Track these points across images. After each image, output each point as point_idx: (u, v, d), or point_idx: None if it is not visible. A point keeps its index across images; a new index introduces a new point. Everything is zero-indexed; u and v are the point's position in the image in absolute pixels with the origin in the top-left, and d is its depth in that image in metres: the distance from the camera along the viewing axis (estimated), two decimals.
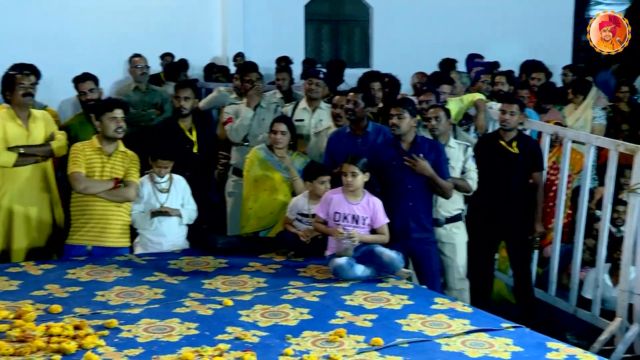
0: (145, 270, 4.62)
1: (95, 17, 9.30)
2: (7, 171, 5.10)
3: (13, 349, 3.24)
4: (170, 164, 5.14)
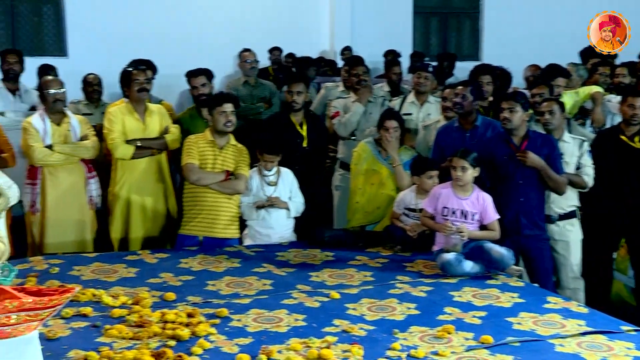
0: (254, 261, 4.72)
1: (207, 12, 9.57)
2: (125, 163, 5.34)
3: (132, 333, 3.39)
4: (277, 158, 5.22)
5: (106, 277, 4.32)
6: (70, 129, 5.30)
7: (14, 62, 6.46)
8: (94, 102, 6.49)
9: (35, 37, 9.03)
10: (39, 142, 5.20)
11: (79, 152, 5.26)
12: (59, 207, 5.27)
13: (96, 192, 5.38)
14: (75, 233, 5.31)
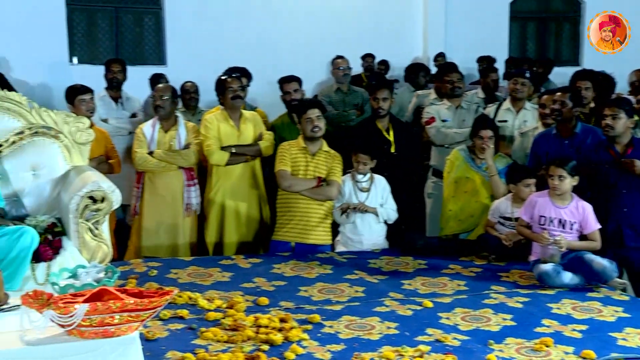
0: (346, 268, 4.72)
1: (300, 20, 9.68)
2: (220, 169, 5.46)
3: (226, 336, 3.46)
4: (371, 161, 5.20)
5: (202, 281, 4.41)
6: (175, 137, 5.45)
7: (117, 71, 6.71)
8: (190, 109, 6.66)
9: (137, 46, 9.37)
10: (143, 148, 5.40)
11: (176, 160, 5.41)
12: (155, 212, 5.43)
13: (195, 199, 5.48)
14: (170, 238, 5.45)
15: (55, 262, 3.67)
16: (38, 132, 4.20)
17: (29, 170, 4.20)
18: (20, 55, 8.39)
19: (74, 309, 2.41)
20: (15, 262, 3.47)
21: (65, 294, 2.63)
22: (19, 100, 4.16)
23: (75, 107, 5.48)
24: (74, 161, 4.29)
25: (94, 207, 3.84)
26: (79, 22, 9.10)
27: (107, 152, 5.66)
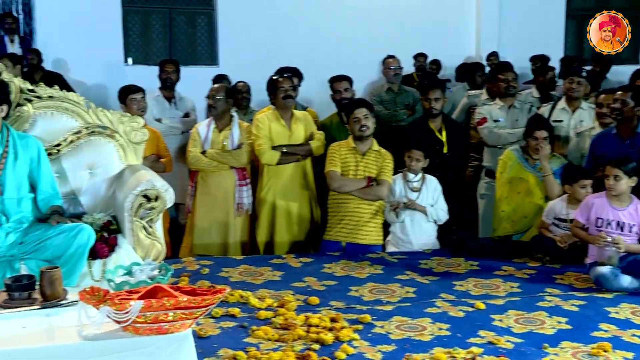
0: (397, 268, 4.70)
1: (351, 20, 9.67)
2: (271, 168, 5.48)
3: (277, 335, 3.47)
4: (422, 157, 5.16)
5: (253, 280, 4.45)
6: (229, 137, 5.51)
7: (171, 72, 6.80)
8: (242, 109, 6.71)
9: (190, 47, 9.50)
10: (196, 148, 5.47)
11: (227, 160, 5.45)
12: (207, 210, 5.48)
13: (247, 199, 5.51)
14: (221, 236, 5.49)
15: (111, 259, 3.74)
16: (95, 132, 4.28)
17: (86, 169, 4.27)
18: (78, 57, 8.61)
19: (129, 306, 2.45)
20: (72, 259, 3.55)
21: (121, 291, 2.68)
22: (77, 100, 4.24)
23: (127, 107, 5.58)
24: (129, 160, 4.36)
25: (148, 206, 3.90)
26: (134, 23, 9.27)
27: (158, 151, 5.75)
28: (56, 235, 3.61)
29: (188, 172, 5.73)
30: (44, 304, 2.77)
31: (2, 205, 3.74)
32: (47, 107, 4.18)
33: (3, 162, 3.77)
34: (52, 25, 8.66)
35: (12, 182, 3.78)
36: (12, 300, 2.79)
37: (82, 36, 8.54)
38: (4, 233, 3.67)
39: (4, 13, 8.54)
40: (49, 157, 4.04)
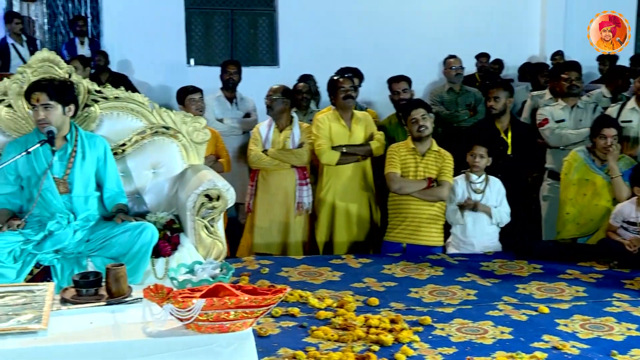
0: (458, 270, 4.64)
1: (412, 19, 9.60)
2: (331, 169, 5.49)
3: (337, 335, 3.47)
4: (486, 153, 5.09)
5: (312, 280, 4.45)
6: (289, 136, 5.54)
7: (233, 72, 6.88)
8: (302, 109, 6.74)
9: (251, 48, 9.59)
10: (257, 146, 5.52)
11: (289, 158, 5.48)
12: (267, 209, 5.52)
13: (307, 198, 5.54)
14: (281, 236, 5.52)
15: (174, 257, 3.81)
16: (158, 132, 4.36)
17: (150, 168, 4.36)
18: (142, 58, 8.80)
19: (191, 304, 2.48)
20: (137, 256, 3.63)
21: (184, 289, 2.72)
22: (141, 101, 4.33)
23: (185, 107, 5.65)
24: (191, 160, 4.43)
25: (210, 205, 3.95)
26: (197, 24, 9.41)
27: (217, 151, 5.81)
28: (121, 234, 3.70)
29: (248, 171, 5.79)
30: (110, 301, 2.83)
31: (70, 203, 3.84)
32: (113, 108, 4.28)
33: (72, 161, 3.89)
34: (118, 28, 8.87)
35: (80, 181, 3.89)
36: (80, 296, 2.86)
37: (146, 38, 8.73)
38: (72, 230, 3.78)
39: (76, 16, 8.78)
40: (114, 157, 4.13)
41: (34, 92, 3.81)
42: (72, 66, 4.31)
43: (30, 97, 3.81)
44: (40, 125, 3.79)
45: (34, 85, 3.86)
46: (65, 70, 4.14)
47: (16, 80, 4.09)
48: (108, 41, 8.87)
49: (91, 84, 4.26)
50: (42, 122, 3.77)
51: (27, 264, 3.54)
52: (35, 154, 3.78)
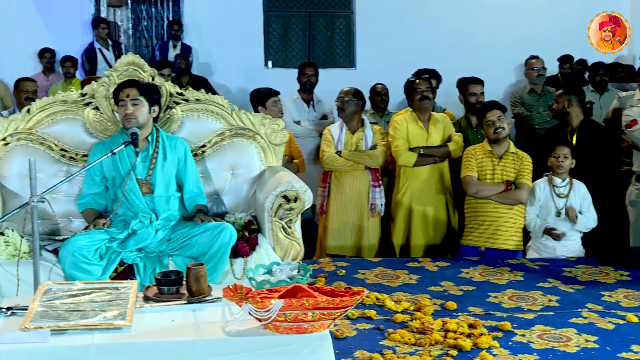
0: (539, 275, 4.53)
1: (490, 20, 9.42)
2: (408, 170, 5.45)
3: (414, 339, 3.44)
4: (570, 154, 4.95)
5: (389, 282, 4.43)
6: (362, 138, 5.53)
7: (311, 75, 6.91)
8: (379, 111, 6.72)
9: (328, 50, 9.62)
10: (330, 148, 5.53)
11: (364, 160, 5.47)
12: (340, 211, 5.52)
13: (380, 200, 5.52)
14: (354, 238, 5.51)
15: (252, 258, 3.85)
16: (237, 134, 4.42)
17: (228, 169, 4.42)
18: (221, 61, 8.94)
19: (270, 304, 2.50)
20: (216, 256, 3.69)
21: (262, 289, 2.74)
22: (221, 103, 4.40)
23: (267, 109, 5.70)
24: (269, 161, 4.47)
25: (287, 206, 3.98)
26: (275, 27, 9.51)
27: (291, 152, 5.85)
28: (201, 234, 3.77)
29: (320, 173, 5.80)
30: (190, 299, 2.88)
31: (152, 203, 3.94)
32: (193, 110, 4.36)
33: (153, 162, 3.98)
34: (198, 31, 9.05)
35: (162, 181, 3.98)
36: (162, 295, 2.92)
37: (225, 41, 8.87)
38: (154, 230, 3.87)
39: (172, 20, 9.01)
40: (194, 158, 4.21)
41: (125, 87, 3.93)
42: (155, 70, 4.39)
43: (120, 93, 3.92)
44: (126, 120, 3.88)
45: (125, 81, 4.00)
46: (149, 73, 4.25)
47: (103, 84, 4.22)
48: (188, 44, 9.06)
49: (173, 86, 4.35)
50: (129, 116, 3.86)
51: (112, 262, 3.65)
52: (119, 156, 3.89)
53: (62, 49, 8.54)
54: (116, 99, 3.98)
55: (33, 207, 3.15)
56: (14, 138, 4.10)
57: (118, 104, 3.96)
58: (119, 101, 3.93)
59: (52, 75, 8.36)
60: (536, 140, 5.85)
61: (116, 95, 3.98)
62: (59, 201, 4.05)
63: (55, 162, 4.13)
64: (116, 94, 3.97)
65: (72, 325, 2.53)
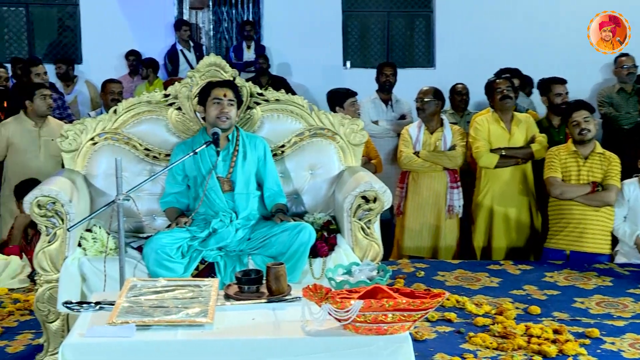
0: (629, 281, 4.39)
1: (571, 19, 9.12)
2: (489, 172, 5.35)
3: (496, 343, 3.37)
4: None
5: (469, 285, 4.37)
6: (441, 138, 5.47)
7: (390, 74, 6.86)
8: (459, 111, 6.62)
9: (407, 49, 9.55)
10: (408, 148, 5.49)
11: (442, 160, 5.41)
12: (417, 212, 5.48)
13: (458, 201, 5.45)
14: (432, 239, 5.47)
15: (330, 258, 3.84)
16: (316, 134, 4.42)
17: (308, 169, 4.43)
18: (299, 61, 8.99)
19: (349, 305, 2.49)
20: (295, 256, 3.69)
21: (341, 290, 2.73)
22: (301, 103, 4.41)
23: (344, 110, 5.69)
24: (348, 162, 4.45)
25: (367, 207, 3.95)
26: (353, 27, 9.50)
27: (368, 153, 5.82)
28: (280, 233, 3.78)
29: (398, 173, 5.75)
30: (270, 298, 2.90)
31: (232, 201, 3.99)
32: (273, 110, 4.39)
33: (234, 160, 4.04)
34: (278, 31, 9.13)
35: (242, 179, 4.03)
36: (242, 293, 2.95)
37: (303, 41, 8.91)
38: (234, 229, 3.91)
39: (244, 21, 9.14)
40: (274, 158, 4.25)
41: (222, 87, 3.98)
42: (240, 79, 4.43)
43: (213, 91, 3.96)
44: (220, 120, 3.92)
45: (221, 81, 4.05)
46: (230, 74, 4.30)
47: (186, 85, 4.30)
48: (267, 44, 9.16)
49: (254, 87, 4.40)
50: (225, 115, 3.92)
51: (193, 260, 3.71)
52: (200, 155, 3.96)
53: (146, 51, 8.77)
54: (204, 97, 4.01)
55: (119, 205, 3.24)
56: (101, 138, 4.22)
57: (206, 102, 3.99)
58: (214, 99, 3.95)
59: (136, 76, 8.60)
60: (623, 139, 5.64)
61: (205, 94, 4.01)
62: (142, 199, 4.14)
63: (140, 162, 4.23)
64: (205, 93, 4.00)
65: (156, 321, 2.59)
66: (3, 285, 4.71)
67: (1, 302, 4.41)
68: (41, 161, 5.77)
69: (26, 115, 5.83)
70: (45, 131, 5.83)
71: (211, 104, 3.96)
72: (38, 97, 5.75)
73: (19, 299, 4.44)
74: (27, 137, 5.81)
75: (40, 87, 5.89)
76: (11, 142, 5.82)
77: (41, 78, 6.64)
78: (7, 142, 5.83)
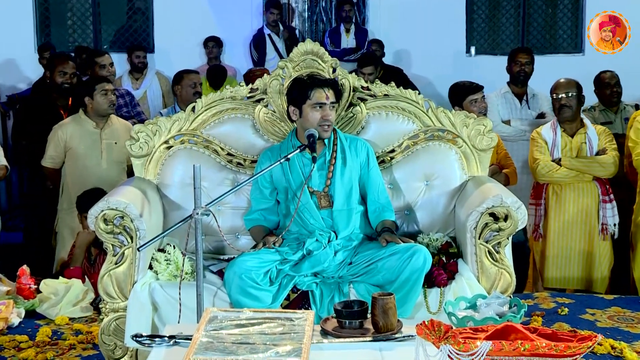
0: None
1: None
2: None
3: None
4: None
5: (628, 327, 4.27)
6: (585, 141, 5.36)
7: (525, 63, 6.73)
8: (612, 106, 6.45)
9: (548, 32, 9.40)
10: (545, 155, 5.39)
11: (593, 168, 5.30)
12: (563, 234, 5.39)
13: (612, 219, 5.33)
14: (582, 267, 5.39)
15: (450, 288, 3.82)
16: (434, 136, 4.40)
17: (422, 180, 4.41)
18: (414, 48, 9.00)
19: (475, 347, 2.48)
20: (406, 285, 3.68)
21: (465, 328, 2.72)
22: (415, 99, 4.39)
23: (464, 109, 5.63)
24: (472, 170, 4.41)
25: (496, 227, 3.91)
26: (480, 5, 9.44)
27: (498, 160, 5.73)
28: (388, 257, 3.78)
29: (533, 185, 5.66)
30: (377, 336, 2.91)
31: (331, 219, 4.00)
32: (381, 107, 4.39)
33: (331, 169, 4.03)
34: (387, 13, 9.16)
35: (342, 192, 4.02)
36: (342, 329, 2.98)
37: (418, 24, 8.94)
38: (332, 251, 3.93)
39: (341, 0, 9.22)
40: (380, 165, 4.24)
41: (325, 87, 3.96)
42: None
43: (314, 93, 3.93)
44: (323, 130, 3.93)
45: (325, 80, 4.03)
46: (330, 64, 4.32)
47: (276, 77, 4.33)
48: (372, 28, 9.19)
49: (358, 79, 4.40)
50: (328, 123, 3.94)
51: (283, 287, 3.75)
52: (290, 165, 3.98)
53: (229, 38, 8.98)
54: (300, 97, 3.97)
55: (197, 221, 3.31)
56: (177, 141, 4.31)
57: (302, 104, 3.96)
58: (316, 104, 3.94)
59: None
60: None
61: (302, 93, 3.97)
62: (224, 214, 4.23)
63: (221, 169, 4.30)
64: (302, 93, 3.96)
65: None
66: (63, 313, 4.88)
67: (61, 333, 4.59)
68: (103, 168, 5.86)
69: (86, 115, 5.90)
70: (108, 133, 5.91)
71: (311, 108, 3.95)
72: (99, 93, 5.80)
73: (81, 330, 4.61)
74: (88, 140, 5.88)
75: (102, 81, 5.93)
76: (69, 147, 5.90)
77: (107, 70, 6.72)
78: (64, 147, 5.91)
